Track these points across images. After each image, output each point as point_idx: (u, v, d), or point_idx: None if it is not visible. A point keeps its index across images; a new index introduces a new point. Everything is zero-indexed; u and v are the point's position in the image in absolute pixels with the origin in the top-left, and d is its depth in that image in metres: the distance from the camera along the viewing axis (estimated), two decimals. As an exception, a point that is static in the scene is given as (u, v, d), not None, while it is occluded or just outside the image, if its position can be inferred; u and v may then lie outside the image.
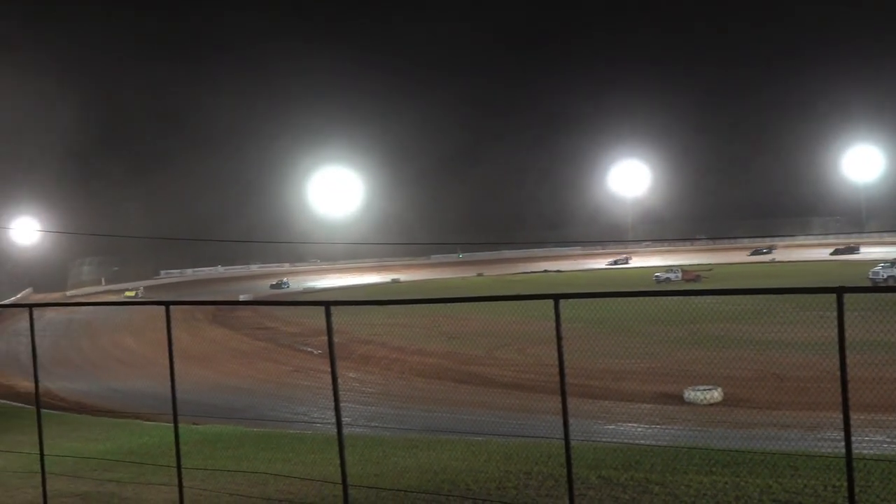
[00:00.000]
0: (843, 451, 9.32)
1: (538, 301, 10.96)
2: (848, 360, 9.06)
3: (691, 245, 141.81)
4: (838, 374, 9.10)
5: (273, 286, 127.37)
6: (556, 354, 10.40)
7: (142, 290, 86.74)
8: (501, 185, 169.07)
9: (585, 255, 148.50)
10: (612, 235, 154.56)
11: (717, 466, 17.37)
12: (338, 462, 11.98)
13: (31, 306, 16.73)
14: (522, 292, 15.45)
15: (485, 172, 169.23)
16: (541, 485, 17.27)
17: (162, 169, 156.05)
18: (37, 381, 16.19)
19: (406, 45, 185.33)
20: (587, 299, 11.15)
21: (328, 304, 12.00)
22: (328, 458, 18.49)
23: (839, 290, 8.98)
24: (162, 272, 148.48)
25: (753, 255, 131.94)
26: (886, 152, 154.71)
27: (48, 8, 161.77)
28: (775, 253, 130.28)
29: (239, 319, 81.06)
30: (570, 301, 10.59)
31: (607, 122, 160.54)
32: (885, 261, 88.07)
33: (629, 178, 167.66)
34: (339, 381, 11.99)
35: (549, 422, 16.76)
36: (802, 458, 17.53)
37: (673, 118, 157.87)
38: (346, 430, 12.08)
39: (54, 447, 20.59)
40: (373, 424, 32.49)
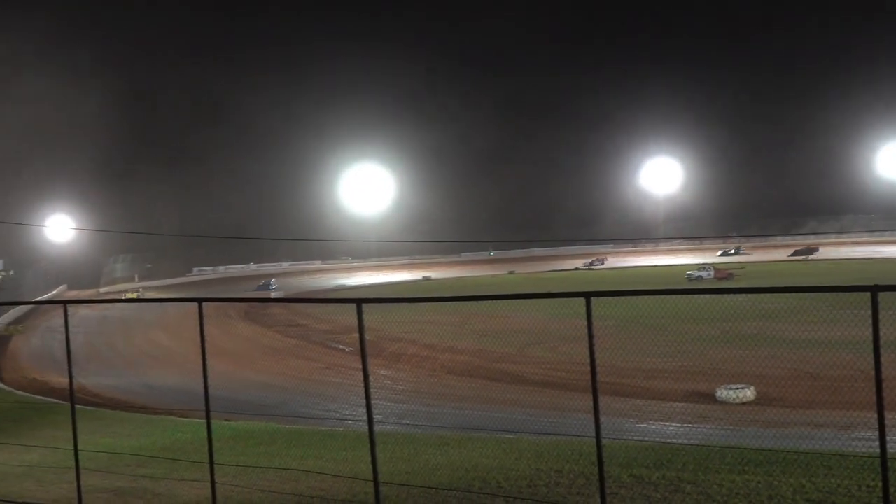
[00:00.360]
0: (878, 450, 9.26)
1: (570, 299, 10.95)
2: (883, 360, 9.00)
3: (723, 243, 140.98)
4: (873, 373, 9.05)
5: (260, 287, 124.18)
6: (587, 352, 10.38)
7: (141, 291, 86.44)
8: (533, 182, 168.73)
9: (617, 253, 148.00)
10: (644, 233, 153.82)
11: (750, 465, 17.29)
12: (369, 459, 12.00)
13: (65, 303, 16.86)
14: (554, 290, 15.40)
15: (516, 170, 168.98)
16: (572, 483, 17.25)
17: (195, 166, 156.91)
18: (71, 377, 16.31)
19: (439, 43, 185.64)
20: (619, 297, 11.12)
21: (360, 301, 12.02)
22: (359, 455, 18.56)
23: (874, 289, 8.93)
24: (194, 269, 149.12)
25: (796, 254, 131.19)
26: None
27: (84, 4, 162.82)
28: (817, 254, 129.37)
29: (271, 316, 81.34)
30: (602, 299, 10.57)
31: (638, 119, 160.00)
32: None
33: (661, 175, 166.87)
34: (371, 378, 12.02)
35: (580, 420, 16.73)
36: (836, 457, 17.41)
37: (705, 115, 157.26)
38: (377, 428, 12.11)
39: (88, 443, 20.76)
40: (404, 422, 32.54)
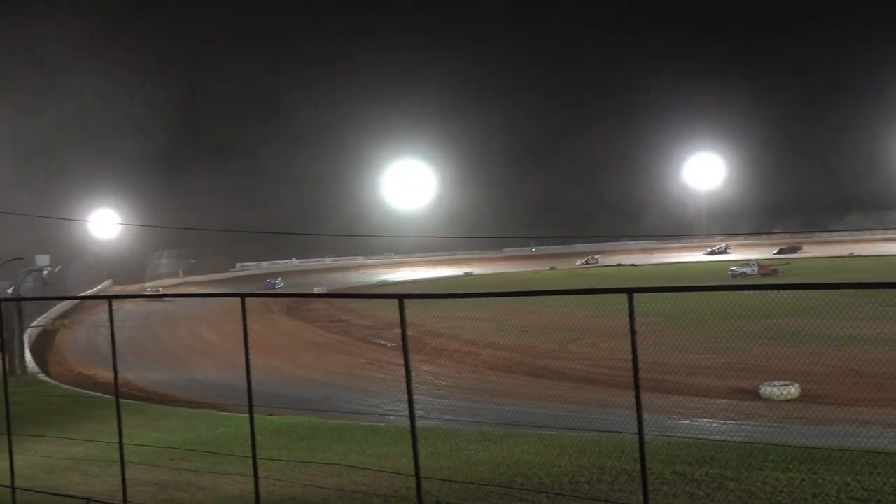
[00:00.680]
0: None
1: (612, 295, 10.91)
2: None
3: (768, 239, 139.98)
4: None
5: (265, 286, 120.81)
6: (629, 349, 10.34)
7: (160, 290, 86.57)
8: (575, 178, 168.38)
9: (660, 249, 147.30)
10: (687, 229, 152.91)
11: (794, 463, 17.17)
12: (411, 454, 12.02)
13: (110, 298, 17.02)
14: (596, 286, 15.35)
15: (558, 165, 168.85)
16: (614, 480, 17.21)
17: (239, 162, 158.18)
18: (116, 372, 16.46)
19: (481, 38, 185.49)
20: (661, 293, 11.08)
21: (402, 297, 12.03)
22: (401, 450, 18.60)
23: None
24: (238, 265, 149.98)
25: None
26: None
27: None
28: (855, 248, 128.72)
29: (313, 312, 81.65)
30: (644, 295, 10.53)
31: (681, 114, 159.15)
32: None
33: (704, 170, 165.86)
34: (413, 373, 12.03)
35: (622, 416, 16.69)
36: (882, 455, 17.27)
37: (748, 110, 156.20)
38: (419, 423, 12.13)
39: (133, 436, 20.94)
40: (446, 417, 32.54)
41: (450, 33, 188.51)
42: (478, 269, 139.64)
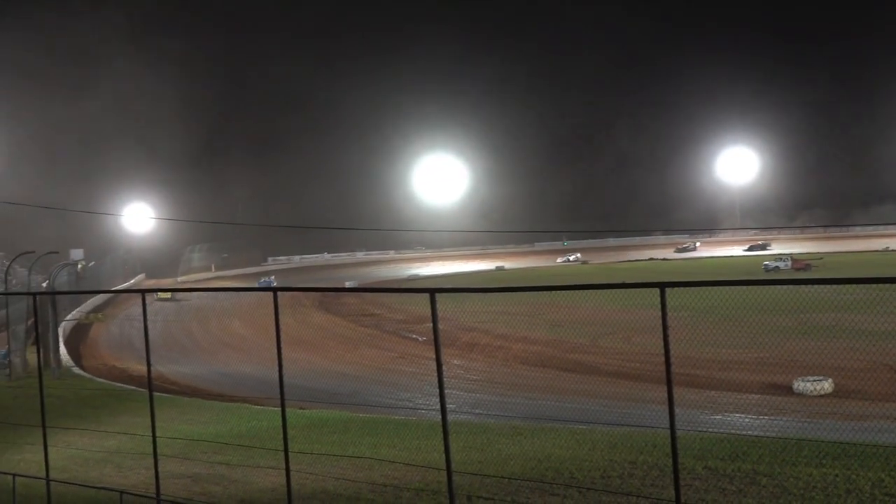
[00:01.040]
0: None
1: (644, 289, 10.86)
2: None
3: (801, 233, 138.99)
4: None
5: (261, 283, 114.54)
6: (661, 343, 10.30)
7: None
8: (607, 172, 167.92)
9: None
10: (720, 223, 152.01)
11: (828, 459, 17.06)
12: (442, 448, 12.02)
13: (143, 291, 17.14)
14: (628, 280, 15.31)
15: (591, 159, 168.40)
16: (646, 475, 17.16)
17: (271, 157, 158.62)
18: (149, 365, 16.56)
19: (514, 34, 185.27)
20: (694, 288, 11.02)
21: (433, 291, 12.02)
22: (432, 444, 18.62)
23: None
24: (269, 259, 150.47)
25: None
26: None
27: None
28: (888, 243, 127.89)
29: (344, 306, 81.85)
30: (677, 289, 10.47)
31: (714, 108, 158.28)
32: None
33: (737, 164, 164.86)
34: (444, 368, 12.02)
35: (654, 411, 16.67)
36: (916, 451, 17.13)
37: (781, 104, 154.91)
38: (450, 417, 12.12)
39: (166, 429, 21.08)
40: (477, 411, 32.57)
41: (483, 28, 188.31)
42: (509, 264, 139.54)
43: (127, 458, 23.47)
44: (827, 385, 35.58)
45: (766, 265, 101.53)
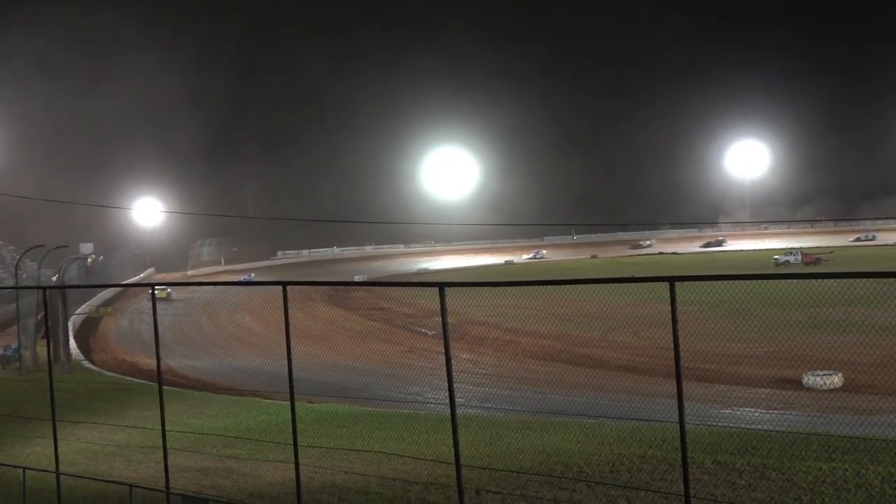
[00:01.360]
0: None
1: (653, 283, 10.85)
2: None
3: (811, 227, 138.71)
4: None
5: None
6: (671, 337, 10.27)
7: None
8: (616, 166, 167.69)
9: (702, 237, 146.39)
10: (729, 217, 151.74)
11: (837, 453, 17.03)
12: (451, 442, 12.01)
13: (152, 285, 17.14)
14: (637, 275, 15.26)
15: (600, 154, 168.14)
16: (655, 468, 17.16)
17: (281, 150, 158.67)
18: (158, 359, 16.58)
19: (524, 27, 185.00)
20: (703, 282, 11.00)
21: (442, 285, 12.01)
22: (441, 438, 18.63)
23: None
24: (279, 253, 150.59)
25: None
26: None
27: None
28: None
29: (354, 300, 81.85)
30: (686, 284, 10.45)
31: (724, 102, 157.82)
32: None
33: (747, 158, 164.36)
34: (453, 362, 12.01)
35: (663, 405, 16.62)
36: (927, 446, 17.09)
37: (791, 97, 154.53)
38: (459, 411, 12.11)
39: (175, 423, 21.11)
40: (486, 405, 32.56)
41: (494, 22, 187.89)
42: (518, 258, 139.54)
43: (136, 452, 23.54)
44: (837, 379, 35.48)
45: (775, 259, 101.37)
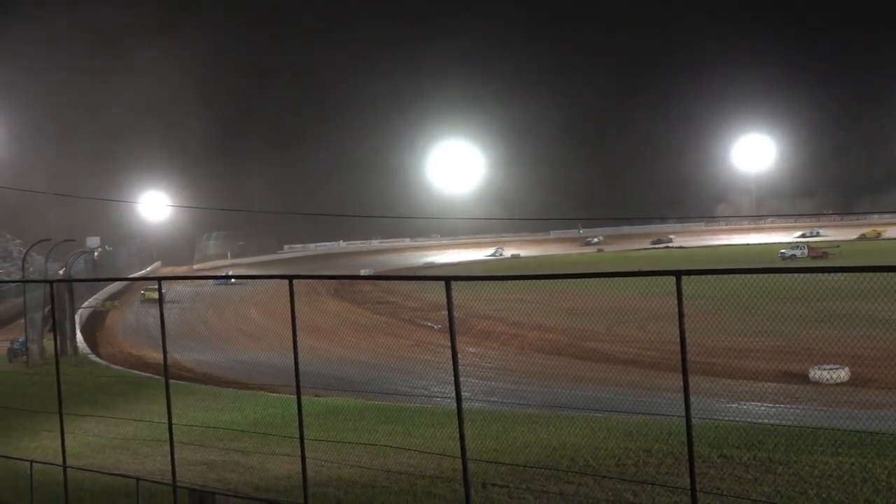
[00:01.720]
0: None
1: (660, 277, 10.83)
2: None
3: (818, 221, 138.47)
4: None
5: (219, 282, 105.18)
6: (677, 331, 10.27)
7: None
8: (623, 159, 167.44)
9: (708, 231, 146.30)
10: (735, 211, 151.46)
11: (844, 447, 17.02)
12: (457, 436, 12.02)
13: (159, 279, 17.15)
14: (643, 268, 15.27)
15: (607, 147, 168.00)
16: (661, 462, 17.16)
17: (286, 144, 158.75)
18: (165, 353, 16.61)
19: (530, 21, 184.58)
20: (710, 276, 10.99)
21: (448, 279, 12.01)
22: (447, 431, 18.64)
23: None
24: (285, 247, 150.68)
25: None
26: None
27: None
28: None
29: (360, 294, 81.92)
30: (693, 277, 10.44)
31: (731, 95, 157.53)
32: None
33: (753, 152, 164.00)
34: (459, 355, 12.02)
35: (669, 399, 16.62)
36: (933, 440, 17.07)
37: (798, 92, 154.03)
38: (465, 405, 12.12)
39: (182, 417, 21.15)
40: (492, 399, 32.58)
41: (499, 15, 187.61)
42: (525, 252, 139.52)
43: (143, 445, 23.59)
44: (843, 373, 35.45)
45: (782, 253, 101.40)
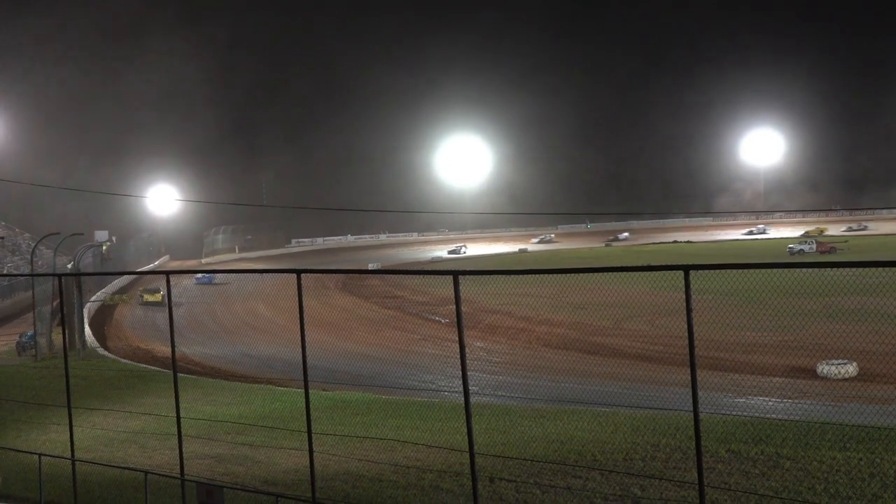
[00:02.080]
0: None
1: (668, 272, 10.83)
2: None
3: (826, 216, 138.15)
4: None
5: (198, 280, 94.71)
6: (685, 326, 10.26)
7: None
8: (632, 154, 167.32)
9: (716, 226, 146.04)
10: (744, 206, 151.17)
11: (852, 442, 17.00)
12: (464, 430, 12.04)
13: (167, 273, 17.18)
14: (652, 263, 15.23)
15: (615, 142, 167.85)
16: (668, 457, 17.15)
17: (295, 138, 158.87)
18: (173, 346, 16.64)
19: (540, 15, 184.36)
20: (718, 271, 10.98)
21: (456, 273, 12.02)
22: (455, 426, 18.68)
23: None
24: (293, 241, 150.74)
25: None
26: None
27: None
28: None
29: (368, 288, 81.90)
30: (701, 272, 10.43)
31: (739, 89, 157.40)
32: None
33: (762, 147, 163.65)
34: (466, 350, 12.03)
35: (677, 394, 16.64)
36: (941, 435, 17.03)
37: (807, 86, 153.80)
38: (472, 399, 12.13)
39: (190, 410, 21.20)
40: (499, 394, 32.57)
41: (509, 9, 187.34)
42: (532, 246, 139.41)
43: (151, 439, 23.63)
44: (851, 369, 35.38)
45: (790, 248, 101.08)
